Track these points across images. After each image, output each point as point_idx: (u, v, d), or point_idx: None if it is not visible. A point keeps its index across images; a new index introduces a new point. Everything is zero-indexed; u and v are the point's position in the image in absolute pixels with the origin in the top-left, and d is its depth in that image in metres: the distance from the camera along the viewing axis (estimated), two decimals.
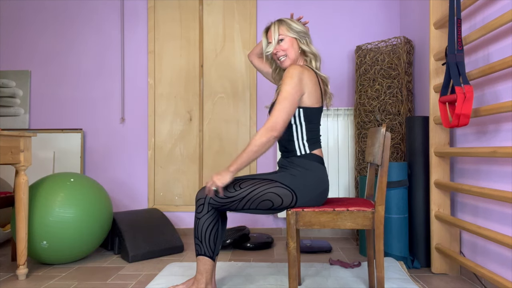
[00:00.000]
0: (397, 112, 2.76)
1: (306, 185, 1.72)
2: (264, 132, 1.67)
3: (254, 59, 2.20)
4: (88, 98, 3.32)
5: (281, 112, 1.69)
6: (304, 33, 1.86)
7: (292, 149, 1.81)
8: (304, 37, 1.86)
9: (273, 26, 1.87)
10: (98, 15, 3.33)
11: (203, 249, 1.76)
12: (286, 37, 1.84)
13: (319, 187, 1.73)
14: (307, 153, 1.78)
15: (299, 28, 1.86)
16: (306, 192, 1.71)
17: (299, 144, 1.79)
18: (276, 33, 1.84)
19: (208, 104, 3.28)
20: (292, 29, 1.84)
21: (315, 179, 1.74)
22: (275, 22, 1.87)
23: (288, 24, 1.85)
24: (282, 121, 1.68)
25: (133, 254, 2.46)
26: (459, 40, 1.90)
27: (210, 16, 3.29)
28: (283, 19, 1.87)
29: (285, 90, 1.70)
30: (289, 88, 1.70)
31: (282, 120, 1.68)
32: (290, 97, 1.70)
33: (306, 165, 1.75)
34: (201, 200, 1.75)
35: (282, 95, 1.70)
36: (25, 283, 2.08)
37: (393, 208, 2.38)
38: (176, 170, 3.28)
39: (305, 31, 1.87)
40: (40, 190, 2.31)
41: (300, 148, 1.79)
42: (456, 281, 2.09)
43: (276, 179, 1.73)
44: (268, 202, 1.71)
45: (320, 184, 1.74)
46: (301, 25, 1.88)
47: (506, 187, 1.80)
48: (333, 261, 2.35)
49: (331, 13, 3.26)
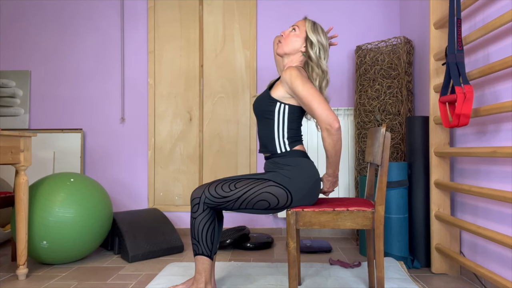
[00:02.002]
0: (397, 112, 2.76)
1: (298, 180, 1.72)
2: (327, 135, 1.67)
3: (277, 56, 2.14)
4: (88, 98, 3.32)
5: (321, 105, 1.66)
6: (322, 45, 1.83)
7: (272, 148, 1.81)
8: (320, 48, 1.83)
9: (302, 20, 1.88)
10: (98, 15, 3.33)
11: (201, 248, 1.76)
12: (300, 31, 1.84)
13: (310, 179, 1.74)
14: (287, 150, 1.79)
15: (322, 39, 1.84)
16: (299, 187, 1.72)
17: (279, 142, 1.80)
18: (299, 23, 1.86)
19: (208, 104, 3.28)
20: (314, 32, 1.83)
21: (305, 173, 1.74)
22: (308, 19, 1.88)
23: (315, 27, 1.85)
24: (328, 111, 1.66)
25: (133, 254, 2.46)
26: (459, 40, 1.90)
27: (210, 16, 3.29)
28: (316, 23, 1.87)
29: (305, 89, 1.69)
30: (306, 86, 1.70)
31: (328, 110, 1.66)
32: (315, 92, 1.69)
33: (291, 162, 1.76)
34: (196, 200, 1.75)
35: (306, 95, 1.68)
36: (25, 283, 2.08)
37: (393, 208, 2.38)
38: (176, 170, 3.28)
39: (325, 44, 1.85)
40: (40, 190, 2.31)
41: (280, 146, 1.80)
42: (456, 281, 2.09)
43: (269, 178, 1.74)
44: (264, 202, 1.71)
45: (310, 176, 1.74)
46: (326, 39, 1.85)
47: (506, 187, 1.80)
48: (333, 261, 2.35)
49: (331, 13, 3.26)
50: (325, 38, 1.86)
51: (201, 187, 1.77)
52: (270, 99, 1.81)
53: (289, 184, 1.72)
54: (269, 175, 1.75)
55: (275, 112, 1.80)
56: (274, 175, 1.75)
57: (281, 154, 1.79)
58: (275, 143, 1.81)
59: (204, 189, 1.75)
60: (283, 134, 1.80)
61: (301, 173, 1.73)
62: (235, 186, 1.72)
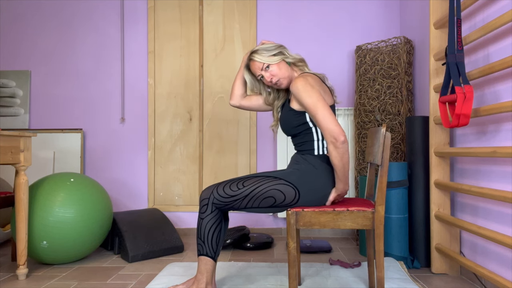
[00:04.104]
0: (397, 112, 2.76)
1: (311, 185, 1.73)
2: (333, 148, 1.65)
3: (240, 101, 2.08)
4: (88, 98, 3.32)
5: (326, 119, 1.65)
6: (280, 46, 1.87)
7: (310, 148, 1.81)
8: (282, 50, 1.86)
9: (253, 59, 1.86)
10: (98, 15, 3.33)
11: (205, 249, 1.76)
12: (271, 62, 1.84)
13: (323, 190, 1.74)
14: (324, 153, 1.80)
15: (273, 45, 1.87)
16: (310, 192, 1.72)
17: (318, 145, 1.80)
18: (260, 62, 1.84)
19: (208, 104, 3.28)
20: (269, 50, 1.85)
21: (321, 181, 1.74)
22: (252, 56, 1.87)
23: (264, 49, 1.85)
24: (333, 125, 1.64)
25: (133, 254, 2.46)
26: (459, 40, 1.90)
27: (210, 16, 3.29)
28: (257, 48, 1.87)
29: (310, 101, 1.68)
30: (313, 97, 1.68)
31: (332, 124, 1.64)
32: (320, 102, 1.67)
33: (317, 164, 1.76)
34: (205, 201, 1.76)
35: (312, 106, 1.68)
36: (25, 283, 2.08)
37: (393, 208, 2.38)
38: (176, 170, 3.28)
39: (279, 44, 1.88)
40: (40, 190, 2.31)
41: (318, 148, 1.80)
42: (456, 281, 2.09)
43: (281, 177, 1.74)
44: (271, 199, 1.71)
45: (324, 187, 1.74)
46: (272, 43, 1.89)
47: (506, 187, 1.80)
48: (333, 261, 2.35)
49: (331, 13, 3.26)
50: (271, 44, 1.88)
51: (210, 188, 1.78)
52: (296, 113, 1.80)
53: (300, 184, 1.72)
54: (282, 174, 1.76)
55: (309, 122, 1.80)
56: (289, 173, 1.75)
57: (317, 155, 1.79)
58: (313, 145, 1.80)
59: (212, 190, 1.76)
60: (322, 137, 1.80)
61: (317, 180, 1.74)
62: (243, 185, 1.73)
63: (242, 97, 2.07)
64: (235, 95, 2.07)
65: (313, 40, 3.26)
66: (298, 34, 3.26)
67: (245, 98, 2.08)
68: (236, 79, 2.05)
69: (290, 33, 3.26)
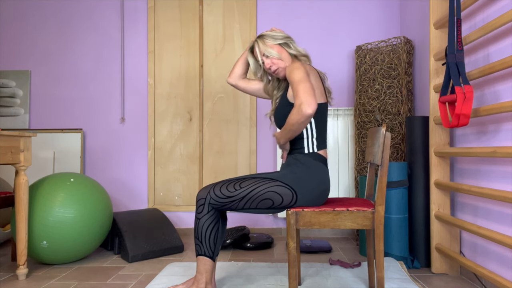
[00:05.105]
0: (397, 112, 2.76)
1: (307, 184, 1.72)
2: (296, 112, 1.60)
3: (237, 81, 2.09)
4: (88, 98, 3.32)
5: (306, 91, 1.60)
6: (287, 38, 1.89)
7: (300, 146, 1.81)
8: (288, 41, 1.89)
9: (256, 44, 1.89)
10: (98, 15, 3.33)
11: (203, 249, 1.76)
12: (269, 55, 1.86)
13: (319, 188, 1.74)
14: (314, 151, 1.79)
15: (281, 34, 1.89)
16: (307, 192, 1.72)
17: (308, 142, 1.80)
18: (262, 47, 1.86)
19: (208, 104, 3.28)
20: (275, 38, 1.87)
21: (317, 179, 1.74)
22: (257, 40, 1.90)
23: (269, 36, 1.88)
24: (310, 97, 1.58)
25: (133, 254, 2.46)
26: (459, 40, 1.90)
27: (210, 16, 3.29)
28: (263, 33, 1.90)
29: (296, 76, 1.65)
30: (299, 74, 1.66)
31: (310, 96, 1.58)
32: (304, 79, 1.64)
33: (309, 163, 1.76)
34: (202, 201, 1.75)
35: (296, 80, 1.64)
36: (25, 283, 2.08)
37: (393, 208, 2.38)
38: (176, 170, 3.28)
39: (287, 35, 1.91)
40: (40, 190, 2.31)
41: (308, 146, 1.79)
42: (456, 281, 2.09)
43: (277, 178, 1.74)
44: (268, 201, 1.71)
45: (321, 185, 1.74)
46: (281, 32, 1.91)
47: (506, 187, 1.80)
48: (333, 261, 2.35)
49: (331, 13, 3.26)
50: (279, 32, 1.90)
51: (207, 188, 1.77)
52: (289, 104, 1.80)
53: (297, 185, 1.72)
54: (278, 175, 1.75)
55: None
56: (284, 175, 1.75)
57: (306, 154, 1.79)
58: (303, 143, 1.80)
59: (209, 190, 1.76)
60: (312, 134, 1.80)
61: (313, 178, 1.73)
62: (240, 186, 1.73)
63: (241, 78, 2.10)
64: (234, 74, 2.09)
65: (313, 40, 3.26)
66: (298, 34, 3.26)
67: (244, 79, 2.10)
68: (239, 59, 2.09)
69: (290, 33, 3.26)
